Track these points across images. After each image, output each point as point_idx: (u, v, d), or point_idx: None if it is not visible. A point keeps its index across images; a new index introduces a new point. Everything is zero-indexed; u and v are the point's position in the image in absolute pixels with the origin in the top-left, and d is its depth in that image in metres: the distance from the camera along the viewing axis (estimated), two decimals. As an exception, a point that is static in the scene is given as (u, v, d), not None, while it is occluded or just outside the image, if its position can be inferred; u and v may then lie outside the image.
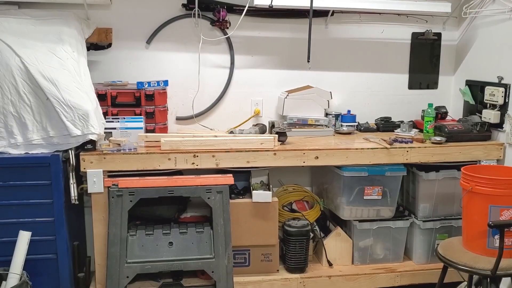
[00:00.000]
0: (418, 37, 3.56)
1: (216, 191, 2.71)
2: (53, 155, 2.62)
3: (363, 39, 3.51)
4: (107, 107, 2.93)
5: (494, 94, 3.13)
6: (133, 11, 3.18)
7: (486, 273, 2.41)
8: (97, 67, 3.14)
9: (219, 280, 2.69)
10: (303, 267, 3.05)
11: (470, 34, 3.48)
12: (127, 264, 2.62)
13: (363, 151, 2.92)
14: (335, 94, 3.41)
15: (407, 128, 3.27)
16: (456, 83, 3.63)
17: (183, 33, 3.25)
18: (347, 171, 2.96)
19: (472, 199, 2.54)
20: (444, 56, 3.62)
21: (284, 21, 3.36)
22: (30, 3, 2.91)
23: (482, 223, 2.46)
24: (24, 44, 2.64)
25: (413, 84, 3.63)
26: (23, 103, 2.60)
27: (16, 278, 2.50)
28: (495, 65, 3.20)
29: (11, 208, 2.62)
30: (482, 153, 3.06)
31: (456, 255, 2.54)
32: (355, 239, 3.14)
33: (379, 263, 3.18)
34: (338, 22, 3.45)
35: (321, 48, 3.39)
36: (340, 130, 3.34)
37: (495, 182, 2.47)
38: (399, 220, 3.17)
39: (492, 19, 3.24)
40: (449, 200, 3.13)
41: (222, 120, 3.38)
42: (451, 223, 3.14)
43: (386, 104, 3.59)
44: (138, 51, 3.23)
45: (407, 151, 2.97)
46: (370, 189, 3.02)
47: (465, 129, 3.12)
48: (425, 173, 3.07)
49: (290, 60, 3.42)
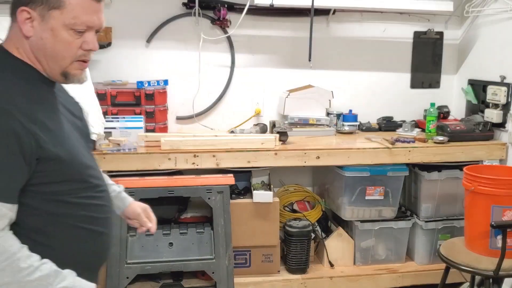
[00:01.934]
0: (420, 36, 3.54)
1: (216, 191, 2.69)
2: (53, 155, 2.60)
3: (364, 38, 3.49)
4: (107, 106, 2.92)
5: (496, 93, 3.11)
6: (133, 10, 3.16)
7: (489, 274, 2.39)
8: (97, 66, 3.13)
9: (220, 281, 2.67)
10: (304, 268, 3.04)
11: (473, 33, 3.46)
12: (127, 265, 2.61)
13: (365, 151, 2.91)
14: (336, 94, 3.39)
15: (409, 128, 3.26)
16: (458, 83, 3.61)
17: (184, 32, 3.23)
18: (349, 171, 2.94)
19: (475, 199, 2.52)
20: (446, 55, 3.60)
21: (285, 19, 3.34)
22: (29, 2, 2.90)
23: (484, 223, 2.45)
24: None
25: (415, 84, 3.61)
26: (23, 102, 2.58)
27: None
28: (497, 64, 3.18)
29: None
30: (484, 153, 3.04)
31: (458, 255, 2.53)
32: (356, 240, 3.13)
33: (381, 263, 3.16)
34: (339, 20, 3.43)
35: (322, 47, 3.37)
36: (342, 129, 3.32)
37: (497, 182, 2.45)
38: (401, 221, 3.15)
39: (494, 18, 3.22)
40: (451, 200, 3.11)
41: (222, 120, 3.36)
42: (453, 223, 3.13)
43: (388, 103, 3.57)
44: (138, 50, 3.22)
45: (409, 151, 2.95)
46: (372, 189, 3.01)
47: (467, 129, 3.11)
48: (427, 173, 3.05)
49: (291, 59, 3.41)
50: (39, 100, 1.28)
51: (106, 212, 1.42)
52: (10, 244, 1.19)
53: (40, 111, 1.25)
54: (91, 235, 1.36)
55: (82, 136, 1.43)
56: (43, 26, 1.25)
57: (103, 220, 1.40)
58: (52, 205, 1.28)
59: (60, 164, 1.26)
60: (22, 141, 1.18)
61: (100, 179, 1.43)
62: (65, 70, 1.30)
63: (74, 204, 1.31)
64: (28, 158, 1.19)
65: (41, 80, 1.31)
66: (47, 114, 1.28)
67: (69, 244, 1.32)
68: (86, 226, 1.34)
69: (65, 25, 1.25)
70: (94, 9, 1.27)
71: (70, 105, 1.44)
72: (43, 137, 1.22)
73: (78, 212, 1.32)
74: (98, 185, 1.39)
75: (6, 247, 1.18)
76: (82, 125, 1.47)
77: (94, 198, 1.36)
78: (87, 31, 1.28)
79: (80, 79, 1.34)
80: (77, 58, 1.30)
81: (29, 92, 1.26)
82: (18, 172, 1.19)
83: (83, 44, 1.29)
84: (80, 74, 1.33)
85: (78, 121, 1.45)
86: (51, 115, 1.29)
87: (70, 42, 1.27)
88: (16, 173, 1.19)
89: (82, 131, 1.45)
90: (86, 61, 1.33)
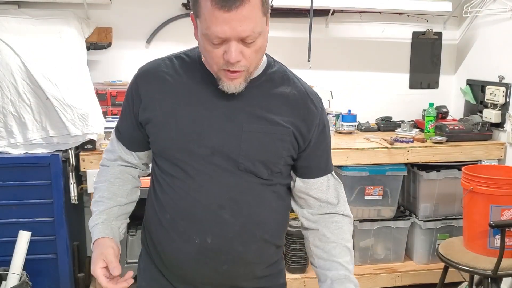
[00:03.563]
0: (419, 36, 3.55)
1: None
2: (53, 155, 2.61)
3: (363, 39, 3.50)
4: (107, 106, 2.93)
5: (495, 93, 3.12)
6: (133, 11, 3.17)
7: (487, 273, 2.40)
8: (97, 67, 3.14)
9: (219, 280, 2.67)
10: (303, 267, 3.04)
11: (471, 33, 3.47)
12: (127, 264, 2.62)
13: (364, 151, 2.92)
14: (335, 94, 3.39)
15: (408, 128, 3.27)
16: (457, 83, 3.63)
17: (183, 33, 3.23)
18: (348, 171, 2.95)
19: (473, 199, 2.53)
20: (445, 55, 3.61)
21: (285, 20, 3.35)
22: (30, 3, 2.91)
23: (483, 223, 2.46)
24: (24, 43, 2.64)
25: (414, 84, 3.62)
26: (23, 102, 2.59)
27: (16, 278, 2.49)
28: (496, 65, 3.19)
29: (11, 208, 2.61)
30: (483, 153, 3.05)
31: (457, 255, 2.54)
32: (355, 239, 3.13)
33: (380, 263, 3.17)
34: (338, 21, 3.44)
35: (321, 47, 3.38)
36: (341, 129, 3.33)
37: (496, 182, 2.46)
38: (400, 220, 3.16)
39: (492, 18, 3.23)
40: (450, 200, 3.12)
41: (222, 120, 3.36)
42: (452, 223, 3.14)
43: (387, 103, 3.59)
44: (138, 50, 3.22)
45: (408, 150, 2.96)
46: (371, 189, 3.02)
47: (466, 129, 3.12)
48: (426, 173, 3.06)
49: (291, 60, 3.37)
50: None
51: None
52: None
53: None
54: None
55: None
56: (197, 32, 1.26)
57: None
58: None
59: None
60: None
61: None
62: (217, 75, 1.27)
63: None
64: None
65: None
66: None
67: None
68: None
69: (203, 34, 1.22)
70: (224, 19, 1.16)
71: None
72: None
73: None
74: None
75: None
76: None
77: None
78: (226, 42, 1.19)
79: (229, 87, 1.27)
80: (221, 67, 1.24)
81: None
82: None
83: (224, 55, 1.21)
84: (228, 82, 1.26)
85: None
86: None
87: (209, 51, 1.23)
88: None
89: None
90: (232, 71, 1.23)
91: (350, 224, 1.46)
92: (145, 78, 1.39)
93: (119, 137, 1.46)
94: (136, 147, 1.45)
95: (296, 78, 1.41)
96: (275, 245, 1.42)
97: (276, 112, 1.33)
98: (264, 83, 1.35)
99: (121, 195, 1.46)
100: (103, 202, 1.43)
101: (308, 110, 1.37)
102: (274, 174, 1.36)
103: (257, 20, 1.20)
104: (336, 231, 1.41)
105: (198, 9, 1.20)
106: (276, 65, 1.40)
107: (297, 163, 1.40)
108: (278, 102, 1.34)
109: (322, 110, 1.42)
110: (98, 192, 1.46)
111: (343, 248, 1.40)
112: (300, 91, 1.38)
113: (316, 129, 1.38)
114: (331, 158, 1.46)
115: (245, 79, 1.26)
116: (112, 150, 1.48)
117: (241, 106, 1.31)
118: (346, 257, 1.40)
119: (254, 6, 1.17)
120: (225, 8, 1.14)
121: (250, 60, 1.23)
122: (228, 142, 1.30)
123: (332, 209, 1.43)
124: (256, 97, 1.33)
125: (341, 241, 1.41)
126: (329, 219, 1.43)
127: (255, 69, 1.30)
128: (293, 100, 1.36)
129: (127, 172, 1.48)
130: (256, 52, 1.24)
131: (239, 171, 1.31)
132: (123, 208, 1.46)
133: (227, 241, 1.32)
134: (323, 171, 1.43)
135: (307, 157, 1.39)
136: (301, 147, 1.37)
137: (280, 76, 1.38)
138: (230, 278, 1.37)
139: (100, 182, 1.48)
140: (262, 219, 1.35)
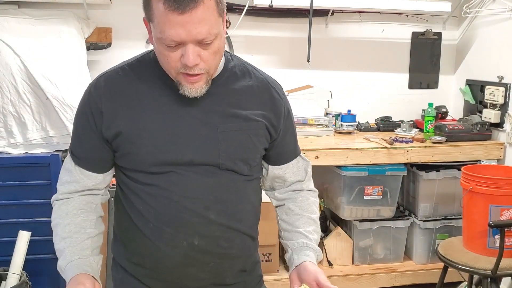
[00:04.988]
0: (418, 36, 3.55)
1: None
2: (53, 155, 2.61)
3: (363, 39, 3.50)
4: (106, 106, 2.92)
5: (494, 93, 3.12)
6: (133, 11, 3.16)
7: (487, 273, 2.40)
8: (97, 67, 3.13)
9: (219, 280, 2.68)
10: (303, 267, 3.04)
11: (470, 33, 3.47)
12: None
13: (363, 151, 2.92)
14: (335, 94, 3.40)
15: (407, 128, 3.27)
16: (456, 83, 3.63)
17: (183, 33, 3.24)
18: (347, 170, 2.95)
19: (473, 199, 2.54)
20: (445, 55, 3.62)
21: (284, 20, 3.36)
22: (29, 3, 2.91)
23: (482, 223, 2.46)
24: (24, 43, 2.64)
25: (413, 84, 3.62)
26: (23, 102, 2.59)
27: (16, 278, 2.49)
28: (495, 65, 3.19)
29: (11, 208, 2.62)
30: (482, 152, 3.06)
31: (456, 255, 2.54)
32: (355, 239, 3.14)
33: (380, 263, 3.18)
34: (338, 21, 3.45)
35: (321, 47, 3.38)
36: (340, 129, 3.33)
37: (495, 182, 2.46)
38: (400, 220, 3.16)
39: (492, 18, 3.23)
40: (449, 200, 3.12)
41: (222, 120, 3.37)
42: (451, 223, 3.14)
43: (386, 103, 3.59)
44: (137, 51, 3.16)
45: (407, 150, 2.97)
46: (370, 189, 3.02)
47: (465, 129, 3.12)
48: (425, 173, 3.06)
49: (290, 60, 3.42)
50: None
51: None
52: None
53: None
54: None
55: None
56: (152, 37, 1.24)
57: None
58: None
59: None
60: None
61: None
62: (176, 79, 1.25)
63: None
64: None
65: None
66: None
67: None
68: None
69: (157, 38, 1.19)
70: (178, 22, 1.13)
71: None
72: None
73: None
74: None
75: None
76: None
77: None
78: (183, 45, 1.17)
79: (190, 91, 1.24)
80: (179, 71, 1.21)
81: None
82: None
83: (181, 58, 1.19)
84: (189, 86, 1.23)
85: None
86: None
87: (166, 55, 1.20)
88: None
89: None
90: (192, 75, 1.21)
91: (315, 198, 1.53)
92: (103, 93, 1.30)
93: (78, 163, 1.34)
94: (102, 168, 1.36)
95: (254, 69, 1.43)
96: (253, 237, 1.45)
97: (245, 107, 1.34)
98: (227, 79, 1.35)
99: (89, 227, 1.34)
100: (71, 238, 1.30)
101: (274, 100, 1.40)
102: (253, 168, 1.38)
103: (213, 21, 1.17)
104: (301, 203, 1.48)
105: (150, 12, 1.19)
106: (234, 59, 1.41)
107: (269, 152, 1.43)
108: (245, 97, 1.35)
109: (284, 96, 1.45)
110: (62, 228, 1.31)
111: (307, 219, 1.46)
112: (261, 81, 1.40)
113: (283, 116, 1.41)
114: (297, 141, 1.51)
115: (207, 81, 1.25)
116: (71, 180, 1.35)
117: (211, 107, 1.31)
118: (309, 227, 1.44)
119: (209, 7, 1.15)
120: (178, 10, 1.12)
121: (209, 63, 1.22)
122: (206, 146, 1.30)
123: (298, 185, 1.51)
124: (224, 95, 1.33)
125: (305, 213, 1.46)
126: (295, 195, 1.50)
127: (215, 70, 1.29)
128: (258, 92, 1.38)
129: (89, 202, 1.37)
130: (215, 54, 1.22)
131: (221, 170, 1.32)
132: (95, 240, 1.34)
133: (213, 239, 1.32)
134: (293, 154, 1.49)
135: (278, 145, 1.43)
136: (273, 137, 1.40)
137: (240, 69, 1.39)
138: (216, 274, 1.37)
139: (60, 218, 1.33)
140: (244, 214, 1.38)
